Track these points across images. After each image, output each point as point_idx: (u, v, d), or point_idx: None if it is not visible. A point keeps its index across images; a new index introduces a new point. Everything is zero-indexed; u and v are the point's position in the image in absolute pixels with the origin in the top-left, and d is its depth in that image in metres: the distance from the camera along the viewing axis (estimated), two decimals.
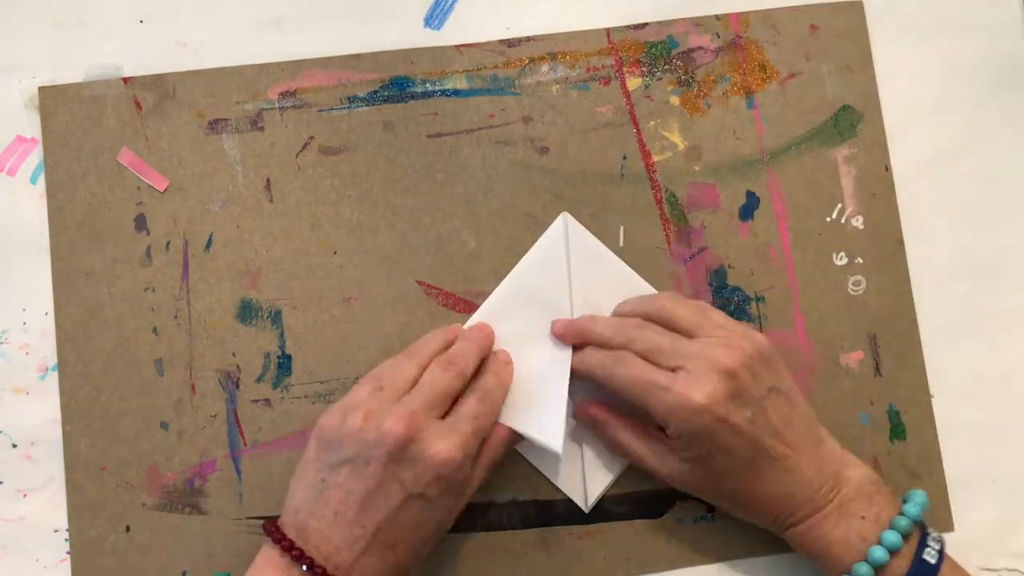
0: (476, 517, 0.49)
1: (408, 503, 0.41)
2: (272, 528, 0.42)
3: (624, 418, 0.47)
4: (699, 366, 0.42)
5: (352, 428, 0.42)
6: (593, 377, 0.46)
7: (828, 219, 0.52)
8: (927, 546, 0.42)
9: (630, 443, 0.46)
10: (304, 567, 0.40)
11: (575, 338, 0.47)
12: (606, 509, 0.49)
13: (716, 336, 0.44)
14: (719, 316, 0.46)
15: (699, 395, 0.42)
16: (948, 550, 0.51)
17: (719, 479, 0.44)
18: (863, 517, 0.43)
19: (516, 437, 0.47)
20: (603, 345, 0.46)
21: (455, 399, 0.44)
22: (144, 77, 0.51)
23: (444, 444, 0.41)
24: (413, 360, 0.45)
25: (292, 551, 0.40)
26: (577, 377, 0.47)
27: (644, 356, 0.44)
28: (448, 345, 0.47)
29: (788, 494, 0.43)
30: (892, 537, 0.42)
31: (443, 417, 0.43)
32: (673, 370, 0.43)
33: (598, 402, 0.48)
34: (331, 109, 0.51)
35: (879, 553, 0.41)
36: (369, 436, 0.41)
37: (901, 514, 0.43)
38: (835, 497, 0.43)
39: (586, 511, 0.49)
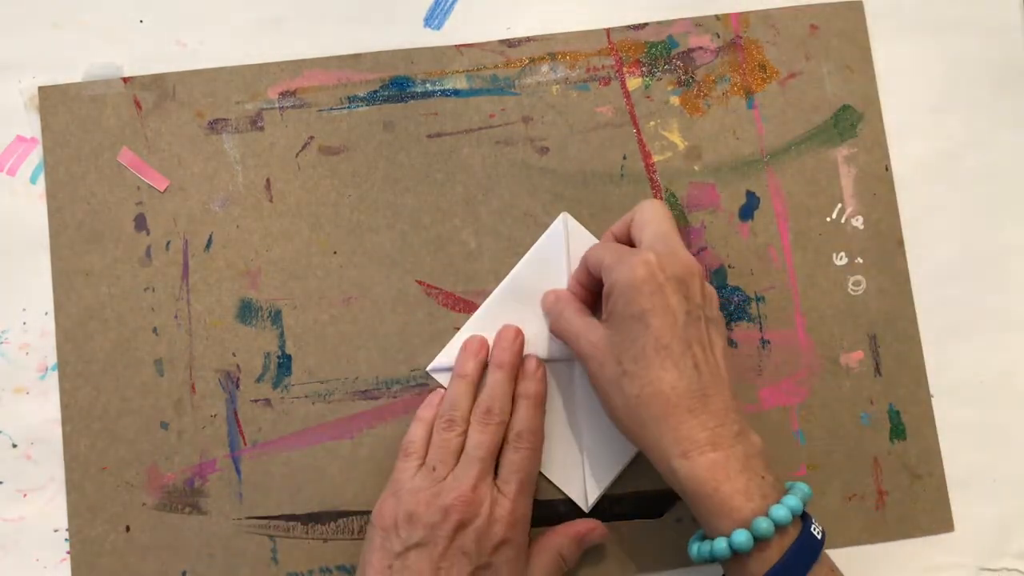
0: None
1: (476, 574, 0.43)
2: None
3: (576, 300, 0.48)
4: (667, 249, 0.43)
5: (414, 513, 0.43)
6: (579, 272, 0.48)
7: (828, 219, 0.52)
8: (812, 524, 0.41)
9: (570, 313, 0.46)
10: None
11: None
12: (606, 509, 0.49)
13: None
14: None
15: (650, 256, 0.42)
16: (948, 550, 0.51)
17: (626, 350, 0.42)
18: (763, 477, 0.40)
19: (598, 536, 0.48)
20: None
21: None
22: (144, 77, 0.51)
23: (500, 512, 0.43)
24: (454, 430, 0.46)
25: None
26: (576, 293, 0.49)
27: (638, 227, 0.46)
28: (480, 366, 0.48)
29: (687, 407, 0.41)
30: (793, 501, 0.40)
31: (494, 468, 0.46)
32: None
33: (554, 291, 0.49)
34: (331, 109, 0.51)
35: (781, 512, 0.39)
36: (431, 518, 0.43)
37: (789, 493, 0.41)
38: (740, 446, 0.40)
39: (586, 511, 0.49)
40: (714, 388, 0.41)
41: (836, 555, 0.43)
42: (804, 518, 0.41)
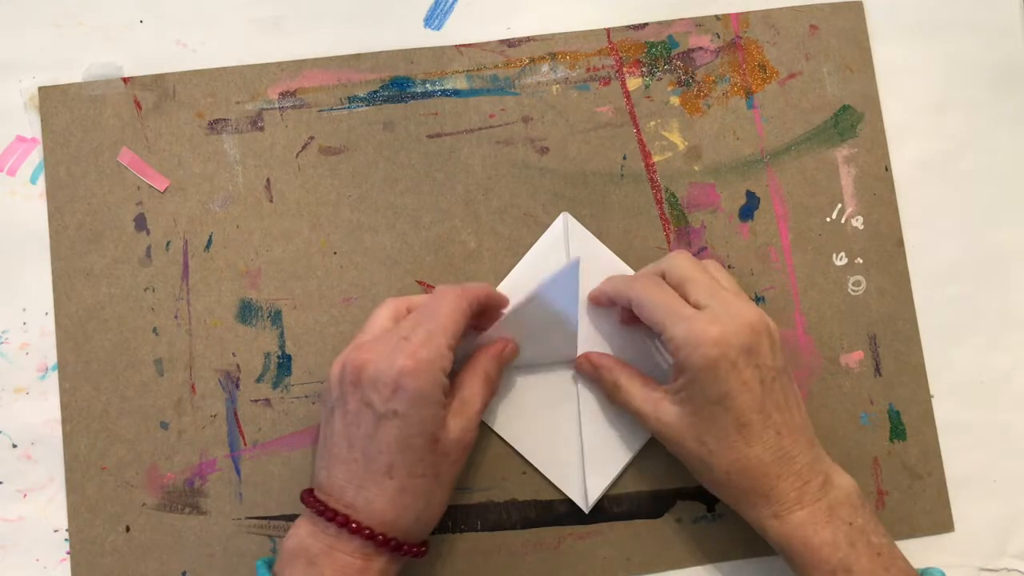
0: (476, 517, 0.49)
1: (382, 423, 0.41)
2: (305, 492, 0.43)
3: (624, 364, 0.47)
4: (725, 310, 0.43)
5: (329, 379, 0.44)
6: (616, 297, 0.46)
7: (828, 219, 0.52)
8: None
9: (627, 385, 0.46)
10: (317, 512, 0.42)
11: (613, 295, 0.47)
12: (606, 509, 0.49)
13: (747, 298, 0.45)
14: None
15: (717, 330, 0.42)
16: (948, 550, 0.51)
17: (708, 432, 0.43)
18: (851, 524, 0.42)
19: (511, 353, 0.47)
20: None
21: None
22: (144, 77, 0.51)
23: (395, 357, 0.41)
24: (388, 307, 0.46)
25: (307, 501, 0.42)
26: (596, 304, 0.48)
27: (675, 285, 0.45)
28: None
29: (775, 473, 0.42)
30: None
31: None
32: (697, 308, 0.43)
33: (599, 352, 0.48)
34: (331, 109, 0.51)
35: None
36: (336, 375, 0.43)
37: None
38: (824, 498, 0.43)
39: (586, 511, 0.49)
40: (796, 447, 0.43)
41: None
42: None
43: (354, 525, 0.41)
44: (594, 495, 0.49)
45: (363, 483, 0.41)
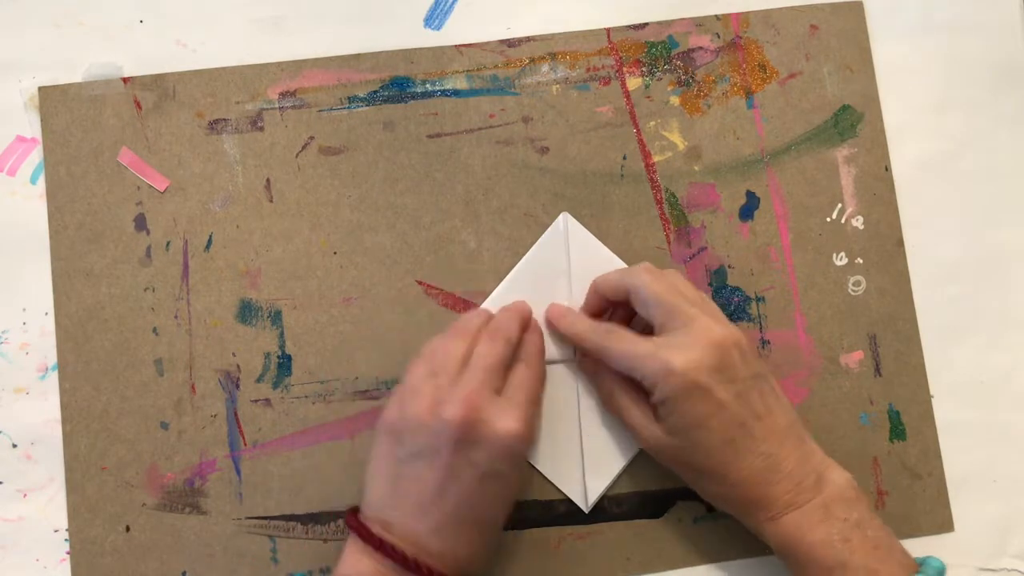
0: None
1: (484, 482, 0.42)
2: (355, 523, 0.43)
3: (619, 374, 0.47)
4: (688, 333, 0.43)
5: (416, 420, 0.42)
6: (582, 347, 0.47)
7: (828, 219, 0.52)
8: None
9: (620, 398, 0.46)
10: (391, 559, 0.41)
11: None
12: (606, 509, 0.49)
13: (712, 311, 0.45)
14: (712, 305, 0.47)
15: (682, 359, 0.42)
16: (948, 550, 0.51)
17: (695, 453, 0.43)
18: (845, 519, 0.42)
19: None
20: (599, 305, 0.48)
21: (507, 367, 0.45)
22: (144, 77, 0.51)
23: (507, 420, 0.42)
24: (460, 338, 0.45)
25: (381, 547, 0.41)
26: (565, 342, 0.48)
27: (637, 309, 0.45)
28: (488, 319, 0.47)
29: (766, 481, 0.43)
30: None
31: (500, 388, 0.44)
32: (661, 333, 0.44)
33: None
34: (331, 109, 0.51)
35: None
36: (434, 426, 0.42)
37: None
38: (818, 496, 0.43)
39: (586, 511, 0.49)
40: (783, 450, 0.43)
41: None
42: None
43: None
44: (594, 495, 0.49)
45: (453, 535, 0.42)
